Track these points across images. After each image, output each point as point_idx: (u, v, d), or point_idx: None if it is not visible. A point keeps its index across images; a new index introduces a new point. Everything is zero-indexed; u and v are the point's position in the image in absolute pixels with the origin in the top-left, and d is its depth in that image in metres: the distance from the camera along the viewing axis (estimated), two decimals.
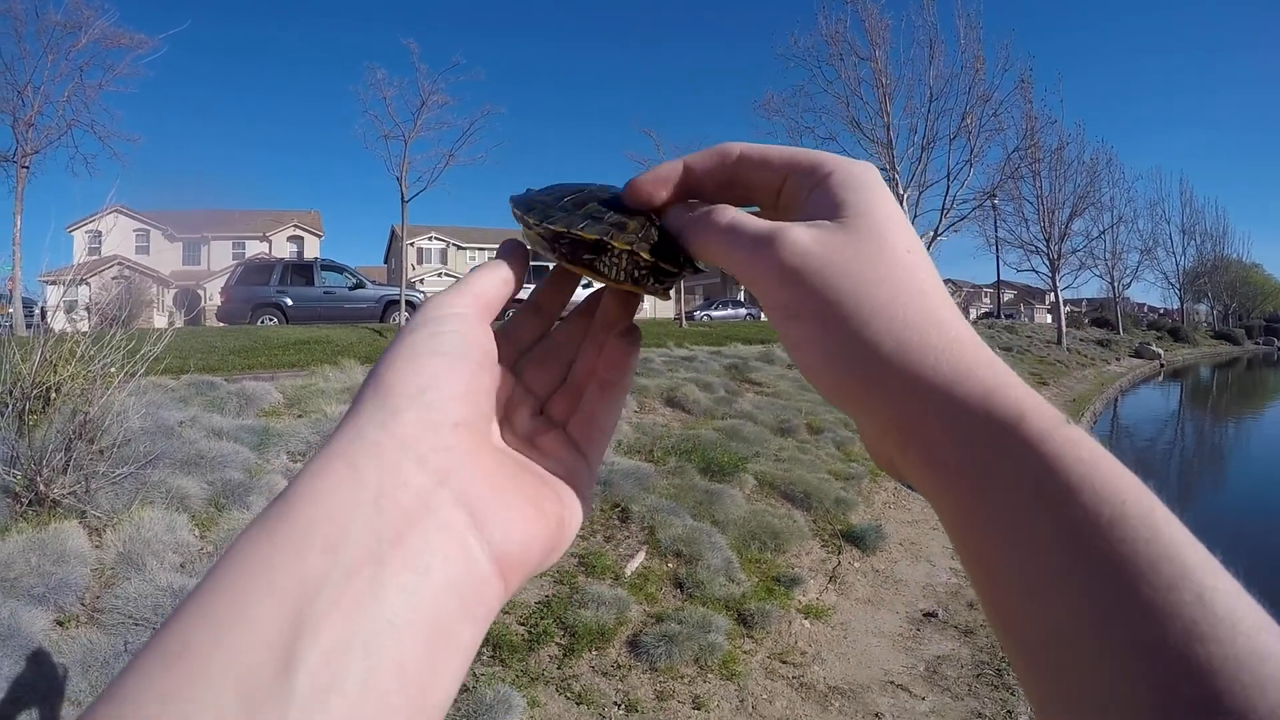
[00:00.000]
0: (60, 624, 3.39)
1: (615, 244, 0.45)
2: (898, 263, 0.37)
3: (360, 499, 0.30)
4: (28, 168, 18.30)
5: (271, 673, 0.25)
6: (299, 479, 0.31)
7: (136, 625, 3.38)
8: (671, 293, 0.49)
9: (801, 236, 0.38)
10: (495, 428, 0.42)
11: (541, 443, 0.44)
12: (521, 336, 0.49)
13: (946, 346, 0.35)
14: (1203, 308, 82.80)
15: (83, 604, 3.55)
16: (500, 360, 0.42)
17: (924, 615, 5.47)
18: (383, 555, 0.29)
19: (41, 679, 3.02)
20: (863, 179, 0.40)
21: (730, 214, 0.42)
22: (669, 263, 0.45)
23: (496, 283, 0.44)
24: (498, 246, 0.47)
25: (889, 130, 31.27)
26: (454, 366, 0.37)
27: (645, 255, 0.45)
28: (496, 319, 0.44)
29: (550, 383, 0.48)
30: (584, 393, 0.47)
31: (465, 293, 0.42)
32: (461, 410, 0.36)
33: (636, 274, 0.46)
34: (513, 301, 0.47)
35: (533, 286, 0.51)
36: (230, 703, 0.24)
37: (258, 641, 0.25)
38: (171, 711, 0.24)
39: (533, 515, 0.37)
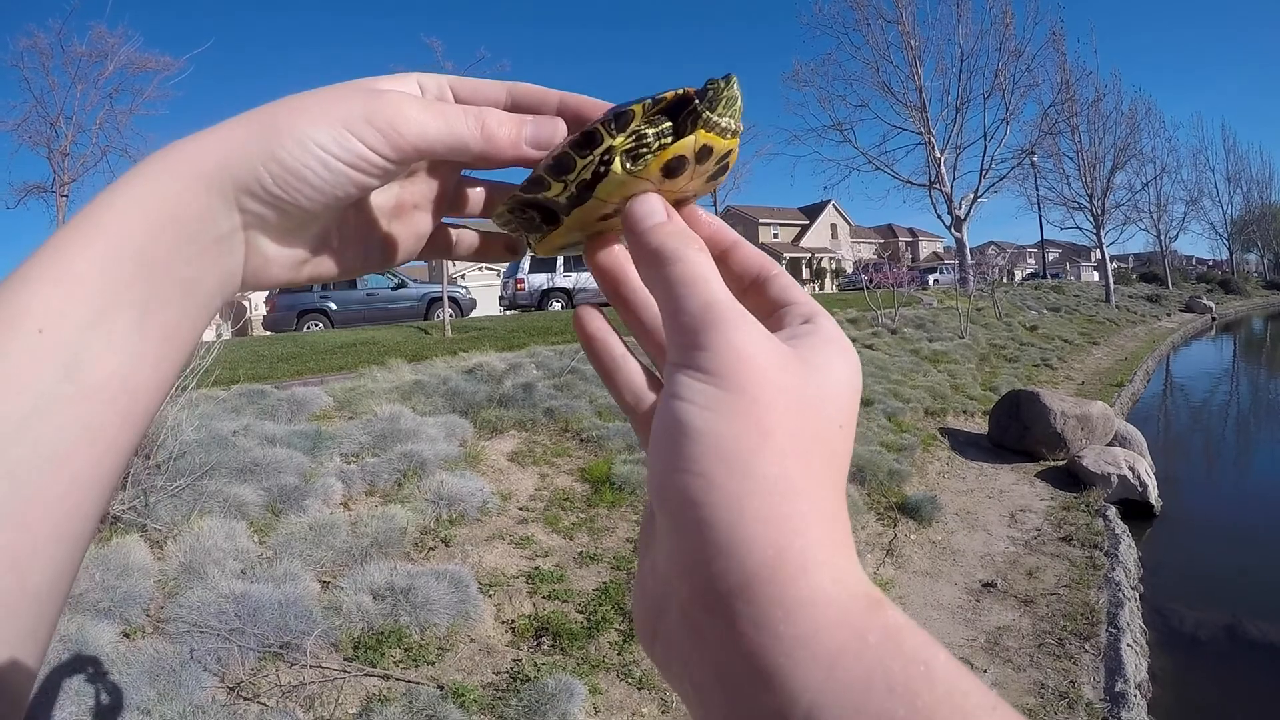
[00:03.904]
0: (127, 635, 3.46)
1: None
2: None
3: (205, 207, 0.38)
4: (66, 196, 18.67)
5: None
6: (166, 163, 0.38)
7: (201, 632, 3.44)
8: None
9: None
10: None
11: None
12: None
13: None
14: (1252, 257, 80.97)
15: (147, 615, 3.62)
16: None
17: (983, 586, 5.41)
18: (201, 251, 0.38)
19: (110, 690, 3.08)
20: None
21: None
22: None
23: (435, 137, 0.42)
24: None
25: (921, 93, 30.89)
26: (323, 195, 0.40)
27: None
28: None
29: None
30: None
31: (388, 136, 0.40)
32: (301, 215, 0.41)
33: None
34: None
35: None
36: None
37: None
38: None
39: None
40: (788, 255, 63.70)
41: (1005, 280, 38.02)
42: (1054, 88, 32.05)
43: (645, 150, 0.39)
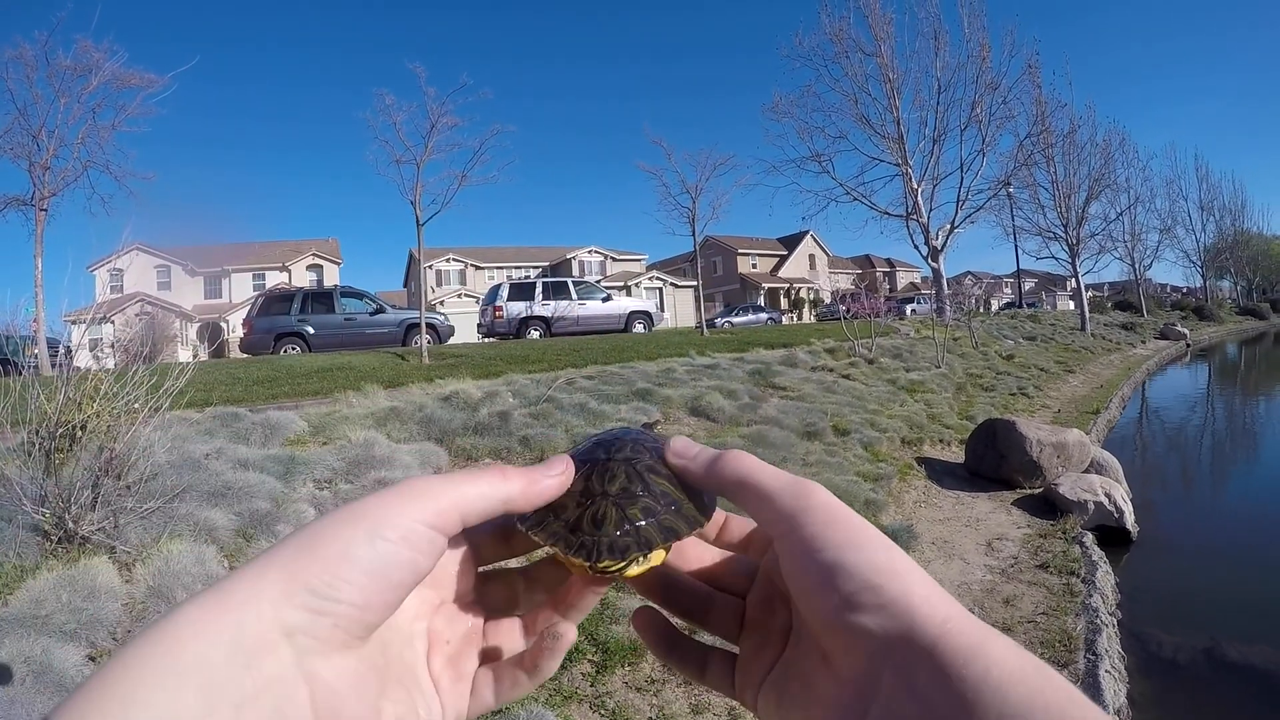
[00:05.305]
0: (92, 659, 3.39)
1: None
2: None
3: (235, 654, 0.34)
4: (46, 210, 18.49)
5: None
6: (192, 608, 0.35)
7: None
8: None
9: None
10: (417, 628, 0.48)
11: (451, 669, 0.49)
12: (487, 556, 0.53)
13: None
14: (1226, 284, 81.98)
15: (114, 639, 3.55)
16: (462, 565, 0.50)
17: None
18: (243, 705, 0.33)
19: None
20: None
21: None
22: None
23: (477, 498, 0.45)
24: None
25: (899, 124, 31.20)
26: (373, 579, 0.39)
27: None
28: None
29: (501, 601, 0.54)
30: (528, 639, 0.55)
31: (432, 504, 0.42)
32: (354, 614, 0.38)
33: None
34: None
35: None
36: None
37: None
38: None
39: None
40: (766, 285, 64.10)
41: (982, 310, 38.33)
42: (1030, 120, 32.48)
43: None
